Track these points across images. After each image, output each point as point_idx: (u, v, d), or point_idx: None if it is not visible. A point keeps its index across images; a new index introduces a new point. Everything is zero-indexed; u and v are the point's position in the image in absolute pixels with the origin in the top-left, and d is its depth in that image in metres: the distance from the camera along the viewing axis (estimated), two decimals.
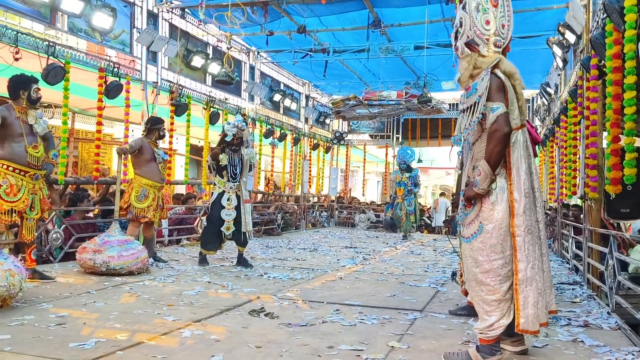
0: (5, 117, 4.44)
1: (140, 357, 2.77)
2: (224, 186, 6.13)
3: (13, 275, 3.66)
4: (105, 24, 7.42)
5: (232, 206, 6.09)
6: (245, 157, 6.26)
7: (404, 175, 10.77)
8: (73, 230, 6.28)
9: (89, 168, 10.53)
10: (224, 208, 6.07)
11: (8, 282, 3.59)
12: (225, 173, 6.14)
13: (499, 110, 2.76)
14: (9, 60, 5.90)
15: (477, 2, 2.93)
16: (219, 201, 6.10)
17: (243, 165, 6.24)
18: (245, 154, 6.26)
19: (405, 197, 10.74)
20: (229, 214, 6.08)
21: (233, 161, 6.16)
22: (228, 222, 6.07)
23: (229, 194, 6.12)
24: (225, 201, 6.10)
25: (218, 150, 6.15)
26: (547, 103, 10.42)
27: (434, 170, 26.69)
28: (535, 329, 2.79)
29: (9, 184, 4.45)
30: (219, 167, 6.14)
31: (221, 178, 6.16)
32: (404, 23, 9.67)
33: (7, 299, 3.66)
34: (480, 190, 2.80)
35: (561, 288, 5.30)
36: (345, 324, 3.65)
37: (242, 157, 6.23)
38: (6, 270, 3.62)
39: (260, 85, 11.95)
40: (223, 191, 6.12)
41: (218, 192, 6.14)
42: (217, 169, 6.16)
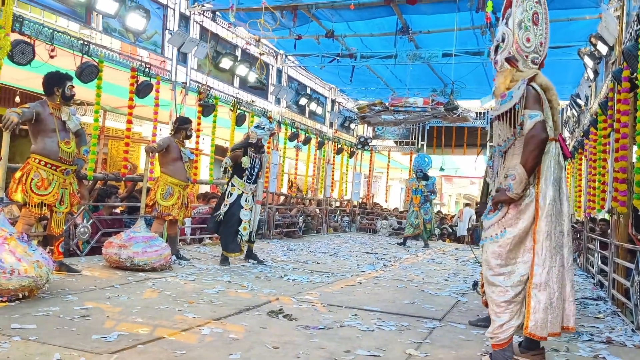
0: (39, 113, 4.56)
1: (160, 351, 2.82)
2: (243, 187, 6.28)
3: (41, 267, 3.76)
4: (138, 25, 7.59)
5: (249, 207, 6.30)
6: (263, 159, 6.48)
7: (420, 183, 10.65)
8: (100, 225, 6.42)
9: (118, 165, 10.76)
10: (243, 208, 6.22)
11: (36, 273, 3.69)
12: (244, 175, 6.28)
13: (537, 118, 2.81)
14: (45, 57, 6.08)
15: (520, 20, 2.99)
16: (238, 202, 6.23)
17: (261, 167, 6.46)
18: (263, 159, 6.49)
19: (422, 206, 10.61)
20: (246, 214, 6.25)
21: (253, 163, 6.33)
22: (245, 222, 6.23)
23: (247, 194, 6.29)
24: (243, 202, 6.25)
25: (240, 153, 6.27)
26: (576, 114, 10.24)
27: (458, 179, 26.46)
28: (543, 334, 2.78)
29: (40, 177, 4.57)
30: (238, 169, 6.26)
31: (240, 179, 6.28)
32: (432, 30, 9.65)
33: (34, 290, 3.76)
34: (513, 194, 2.81)
35: (585, 303, 5.20)
36: (363, 329, 3.65)
37: (260, 159, 6.43)
38: (34, 261, 3.73)
39: (286, 89, 12.03)
40: (242, 192, 6.27)
41: (237, 193, 6.26)
42: (236, 171, 6.28)
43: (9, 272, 3.55)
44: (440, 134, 16.21)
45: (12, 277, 3.55)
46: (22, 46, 5.62)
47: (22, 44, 5.62)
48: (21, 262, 3.64)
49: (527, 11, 3.01)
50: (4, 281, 3.52)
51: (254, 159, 6.34)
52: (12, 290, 3.58)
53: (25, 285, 3.64)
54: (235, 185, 6.30)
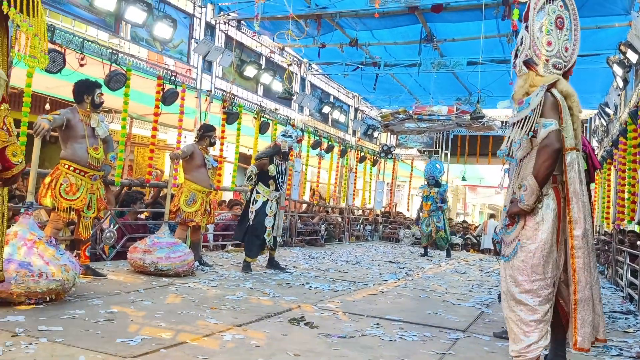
0: (70, 119, 4.67)
1: (182, 356, 2.84)
2: (268, 195, 6.36)
3: (68, 271, 3.83)
4: (165, 34, 7.74)
5: (273, 213, 6.38)
6: (287, 166, 6.63)
7: (432, 190, 10.46)
8: (125, 230, 6.52)
9: (143, 171, 10.93)
10: (267, 216, 6.31)
11: (63, 277, 3.76)
12: (271, 182, 6.36)
13: (551, 127, 2.72)
14: (75, 66, 6.23)
15: (541, 24, 2.92)
16: (263, 209, 6.31)
17: (286, 174, 6.62)
18: (288, 167, 6.64)
19: (433, 213, 10.40)
20: (271, 221, 6.35)
21: (280, 170, 6.43)
22: (269, 229, 6.32)
23: (271, 202, 6.37)
24: (268, 209, 6.33)
25: (266, 161, 6.35)
26: (605, 124, 10.04)
27: (483, 189, 26.13)
28: (589, 347, 2.73)
29: (69, 183, 4.67)
30: (263, 176, 6.34)
31: (266, 187, 6.36)
32: (457, 38, 9.58)
33: (61, 293, 3.83)
34: (525, 206, 2.73)
35: (613, 317, 5.06)
36: (385, 338, 3.61)
37: (286, 167, 6.58)
38: (62, 265, 3.80)
39: (310, 97, 12.09)
40: (267, 199, 6.35)
41: (263, 200, 6.33)
42: (261, 178, 6.35)
43: (37, 275, 3.62)
44: (464, 143, 16.05)
45: (40, 281, 3.63)
46: (53, 55, 5.78)
47: (53, 52, 5.77)
48: (49, 265, 3.71)
49: (550, 15, 2.95)
50: (32, 284, 3.60)
51: (281, 167, 6.44)
52: (40, 294, 3.65)
53: (53, 289, 3.71)
54: (260, 192, 6.36)
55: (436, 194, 10.43)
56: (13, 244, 3.70)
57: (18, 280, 3.53)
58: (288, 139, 6.42)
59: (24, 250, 3.70)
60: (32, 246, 3.76)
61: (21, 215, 4.03)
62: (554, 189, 2.78)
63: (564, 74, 2.97)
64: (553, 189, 2.77)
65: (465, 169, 18.23)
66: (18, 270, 3.54)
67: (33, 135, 4.27)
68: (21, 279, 3.54)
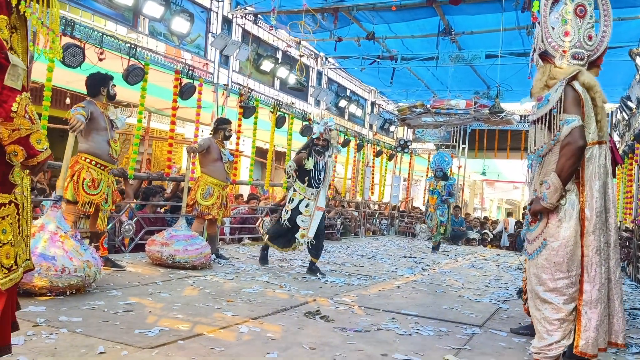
0: (93, 112, 4.71)
1: (199, 347, 2.87)
2: (304, 192, 5.90)
3: (90, 267, 3.89)
4: (183, 28, 7.77)
5: (309, 213, 5.85)
6: (328, 164, 5.97)
7: (439, 183, 10.08)
8: (144, 223, 6.60)
9: (161, 165, 11.04)
10: (301, 214, 5.84)
11: (85, 272, 3.82)
12: (307, 179, 5.88)
13: (573, 123, 2.65)
14: (94, 60, 6.30)
15: (558, 14, 2.85)
16: (298, 208, 5.87)
17: (326, 171, 5.95)
18: (329, 161, 5.97)
19: (438, 207, 10.04)
20: (305, 221, 5.82)
21: (318, 166, 5.89)
22: (303, 230, 5.79)
23: (308, 200, 5.89)
24: (303, 207, 5.86)
25: (304, 155, 5.89)
26: (627, 118, 9.84)
27: (501, 184, 25.85)
28: (594, 352, 2.66)
29: (92, 177, 4.72)
30: (301, 172, 5.90)
31: (302, 184, 5.91)
32: (476, 31, 9.46)
33: (81, 288, 3.89)
34: (548, 204, 2.69)
35: (634, 314, 4.98)
36: (401, 332, 3.61)
37: (326, 163, 5.95)
38: (85, 261, 3.85)
39: (326, 91, 12.06)
40: (304, 197, 5.89)
41: (299, 198, 5.89)
42: (299, 175, 5.92)
43: (60, 270, 3.68)
44: (482, 137, 15.88)
45: (62, 275, 3.69)
46: (73, 49, 5.84)
47: (73, 47, 5.84)
48: (72, 260, 3.77)
49: (568, 4, 2.86)
50: (55, 278, 3.66)
51: (319, 162, 5.89)
52: (61, 288, 3.71)
53: (74, 284, 3.77)
54: (297, 190, 5.93)
55: (442, 188, 10.07)
56: (39, 236, 3.78)
57: (41, 273, 3.59)
58: (315, 125, 5.96)
59: (49, 244, 3.77)
60: (57, 240, 3.83)
61: (49, 209, 4.10)
62: (576, 184, 2.72)
63: (593, 63, 2.87)
64: (576, 185, 2.72)
65: (485, 163, 18.04)
66: (41, 263, 3.61)
67: (69, 130, 4.33)
68: (44, 272, 3.61)
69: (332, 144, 5.96)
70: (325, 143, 5.88)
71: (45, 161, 1.90)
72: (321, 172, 5.90)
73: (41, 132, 1.88)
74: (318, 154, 5.87)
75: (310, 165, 5.83)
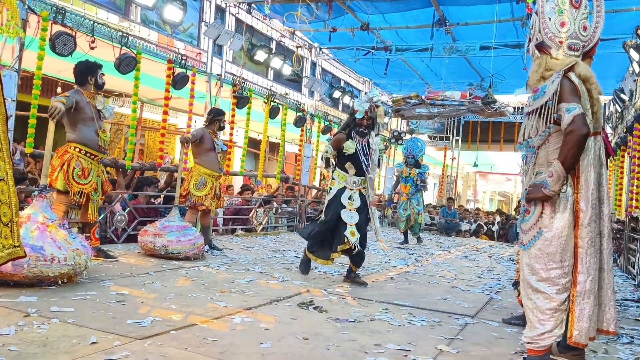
0: (78, 101, 4.61)
1: (192, 338, 2.86)
2: (344, 181, 4.93)
3: (80, 255, 3.85)
4: (175, 17, 7.69)
5: (355, 207, 4.89)
6: (374, 146, 4.98)
7: (412, 171, 9.51)
8: (136, 214, 6.57)
9: (154, 155, 10.97)
10: (345, 208, 4.88)
11: (75, 261, 3.79)
12: (349, 165, 4.92)
13: (575, 111, 2.63)
14: (85, 49, 6.22)
15: (555, 4, 2.82)
16: (338, 199, 4.89)
17: (373, 155, 4.96)
18: (374, 142, 4.99)
19: (413, 196, 9.49)
20: (351, 216, 4.85)
21: (362, 150, 4.91)
22: (352, 227, 4.82)
23: (351, 191, 4.92)
24: (346, 199, 4.87)
25: (343, 136, 4.93)
26: (620, 110, 9.87)
27: (494, 176, 25.97)
28: (586, 342, 2.68)
29: (81, 167, 4.67)
30: (341, 158, 4.94)
31: (342, 171, 4.96)
32: (470, 22, 9.45)
33: (72, 277, 3.86)
34: (550, 192, 2.67)
35: (625, 304, 5.03)
36: (394, 323, 3.62)
37: (371, 144, 4.98)
38: (74, 249, 3.82)
39: (320, 82, 12.01)
40: (344, 187, 4.94)
41: (338, 188, 4.94)
42: (339, 160, 4.97)
43: (49, 260, 3.65)
44: (475, 129, 15.93)
45: (52, 265, 3.66)
46: (64, 38, 5.76)
47: (64, 35, 5.76)
48: (61, 249, 3.74)
49: None
50: (44, 268, 3.63)
51: (362, 144, 4.91)
52: (52, 277, 3.68)
53: (65, 273, 3.75)
54: (335, 178, 4.98)
55: (416, 176, 9.54)
56: (26, 227, 3.73)
57: (30, 264, 3.56)
58: (357, 102, 4.97)
59: (37, 234, 3.73)
60: (45, 230, 3.79)
61: (34, 198, 4.06)
62: (571, 175, 2.72)
63: (586, 54, 2.86)
64: (570, 176, 2.72)
65: (477, 155, 18.08)
66: (31, 254, 3.57)
67: (48, 118, 4.26)
68: (33, 263, 3.58)
69: (379, 122, 4.98)
70: (370, 122, 4.90)
71: None
72: (366, 157, 4.90)
73: None
74: (361, 135, 4.90)
75: (351, 149, 4.87)
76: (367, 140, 4.92)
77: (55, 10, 5.73)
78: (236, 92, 8.60)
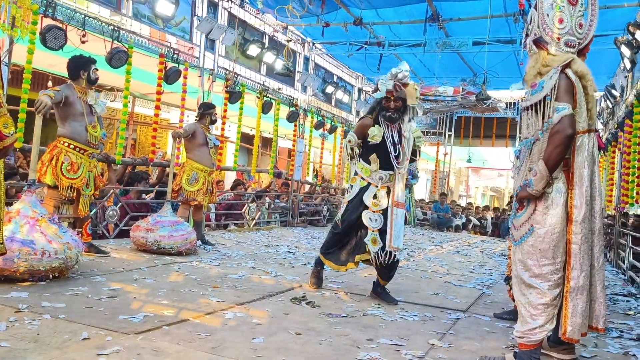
0: (68, 96, 4.59)
1: (185, 333, 2.86)
2: (369, 176, 4.07)
3: (70, 249, 3.84)
4: (167, 11, 7.65)
5: (380, 208, 4.01)
6: (406, 134, 4.07)
7: None
8: (128, 209, 6.54)
9: (146, 150, 10.92)
10: (368, 209, 4.03)
11: (65, 255, 3.77)
12: (373, 158, 4.04)
13: (564, 111, 2.65)
14: (76, 43, 6.17)
15: (552, 0, 2.83)
16: (361, 198, 4.05)
17: (404, 146, 4.04)
18: (407, 129, 4.09)
19: None
20: (375, 219, 4.00)
21: (390, 138, 4.03)
22: (373, 233, 4.00)
23: (376, 187, 4.04)
24: (369, 198, 4.01)
25: (369, 121, 4.08)
26: (611, 106, 9.95)
27: (486, 171, 26.08)
28: (579, 338, 2.70)
29: (70, 161, 4.64)
30: (366, 149, 4.09)
31: (366, 164, 4.08)
32: (463, 17, 9.47)
33: (64, 271, 3.84)
34: (534, 191, 2.70)
35: (615, 299, 5.07)
36: (386, 318, 3.63)
37: (402, 132, 4.06)
38: (64, 243, 3.81)
39: (313, 77, 12.00)
40: (368, 184, 4.08)
41: (360, 185, 4.08)
42: (364, 152, 4.11)
43: (40, 254, 3.63)
44: (468, 125, 15.98)
45: (42, 259, 3.64)
46: (55, 31, 5.71)
47: (54, 29, 5.71)
48: (52, 243, 3.72)
49: None
50: (35, 262, 3.61)
51: (391, 132, 4.03)
52: (43, 271, 3.66)
53: (56, 267, 3.73)
54: (359, 173, 4.11)
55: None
56: (16, 221, 3.71)
57: (21, 258, 3.54)
58: (380, 82, 4.09)
59: (27, 228, 3.70)
60: (35, 224, 3.77)
61: (23, 193, 4.03)
62: (564, 172, 2.73)
63: (580, 51, 2.87)
64: (564, 173, 2.73)
65: (470, 150, 18.16)
66: (21, 249, 3.55)
67: (35, 112, 4.22)
68: (24, 257, 3.56)
69: (411, 104, 4.12)
70: (398, 103, 4.02)
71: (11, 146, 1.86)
72: (395, 147, 4.00)
73: (8, 116, 1.84)
74: (389, 121, 4.02)
75: (378, 136, 4.00)
76: (398, 126, 4.04)
77: (45, 3, 5.67)
78: (229, 86, 8.57)
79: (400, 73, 4.01)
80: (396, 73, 4.02)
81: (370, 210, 4.01)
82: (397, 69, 4.05)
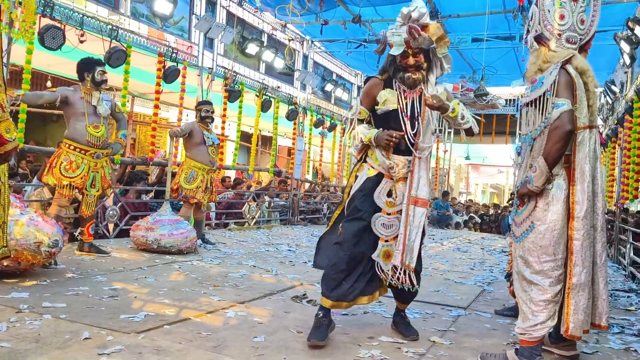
0: (68, 96, 4.70)
1: (186, 332, 2.86)
2: (378, 164, 2.95)
3: (39, 231, 3.74)
4: (166, 9, 7.63)
5: (396, 208, 2.93)
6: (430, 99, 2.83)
7: None
8: (128, 208, 6.53)
9: (145, 150, 10.91)
10: (380, 211, 2.93)
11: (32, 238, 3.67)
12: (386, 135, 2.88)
13: (563, 107, 2.64)
14: (75, 42, 6.16)
15: None
16: (369, 194, 2.94)
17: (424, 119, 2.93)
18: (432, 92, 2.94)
19: None
20: (389, 225, 2.92)
21: (407, 109, 2.94)
22: (386, 244, 2.92)
23: (391, 181, 2.95)
24: (383, 194, 2.93)
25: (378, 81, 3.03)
26: (610, 102, 9.94)
27: (486, 168, 26.09)
28: (581, 334, 2.69)
29: (69, 160, 4.71)
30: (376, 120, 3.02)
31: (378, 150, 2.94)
32: (462, 14, 9.44)
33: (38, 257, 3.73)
34: (533, 187, 2.69)
35: (616, 295, 5.07)
36: (387, 316, 3.62)
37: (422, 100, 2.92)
38: (25, 225, 3.71)
39: (312, 75, 11.98)
40: (378, 174, 2.97)
41: (367, 174, 2.98)
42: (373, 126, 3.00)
43: None
44: None
45: None
46: (53, 31, 5.70)
47: (52, 29, 5.70)
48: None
49: None
50: None
51: (408, 98, 2.94)
52: None
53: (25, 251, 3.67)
54: (368, 161, 3.01)
55: None
56: None
57: None
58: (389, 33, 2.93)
59: None
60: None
61: None
62: (565, 169, 2.72)
63: (582, 47, 2.86)
64: (564, 169, 2.72)
65: (468, 148, 18.13)
66: None
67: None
68: None
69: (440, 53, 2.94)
70: (419, 58, 2.89)
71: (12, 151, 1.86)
72: (415, 120, 2.92)
73: (10, 121, 1.84)
74: (410, 85, 2.93)
75: (391, 102, 2.94)
76: (419, 91, 2.95)
77: (43, 3, 5.66)
78: (228, 85, 8.56)
79: (414, 11, 2.85)
80: (408, 13, 2.86)
81: (384, 212, 2.91)
82: (408, 7, 2.87)
